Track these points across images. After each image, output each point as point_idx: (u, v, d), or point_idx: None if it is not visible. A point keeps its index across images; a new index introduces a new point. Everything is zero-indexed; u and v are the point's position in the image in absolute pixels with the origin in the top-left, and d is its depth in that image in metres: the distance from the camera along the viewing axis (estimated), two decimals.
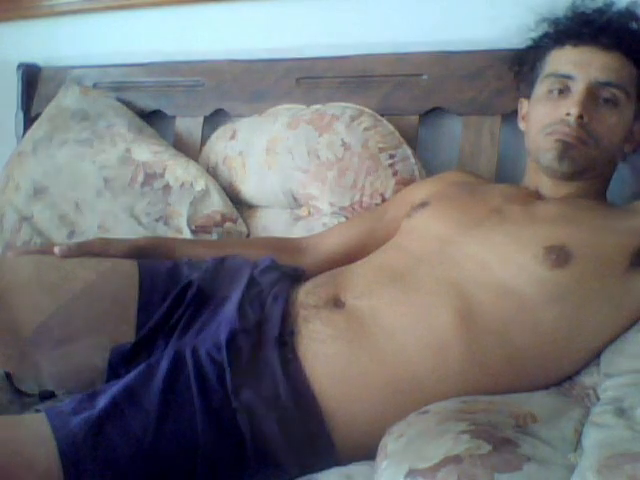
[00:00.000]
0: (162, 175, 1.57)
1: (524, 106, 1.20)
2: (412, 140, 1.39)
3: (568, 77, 1.07)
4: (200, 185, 1.54)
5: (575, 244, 0.95)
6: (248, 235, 1.51)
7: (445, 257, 1.00)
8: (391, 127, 1.38)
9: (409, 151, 1.36)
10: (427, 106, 1.42)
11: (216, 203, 1.52)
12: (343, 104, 1.43)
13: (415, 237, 1.08)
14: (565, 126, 1.04)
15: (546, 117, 1.08)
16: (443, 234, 1.04)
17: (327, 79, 1.52)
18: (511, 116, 1.31)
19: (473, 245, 1.00)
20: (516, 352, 0.92)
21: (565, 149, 1.04)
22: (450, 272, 0.97)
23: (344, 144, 1.36)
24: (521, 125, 1.21)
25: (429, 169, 1.37)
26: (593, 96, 1.05)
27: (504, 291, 0.93)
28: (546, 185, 1.11)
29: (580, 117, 1.03)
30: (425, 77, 1.41)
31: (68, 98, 1.78)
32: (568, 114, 1.04)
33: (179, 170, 1.56)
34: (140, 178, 1.59)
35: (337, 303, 0.97)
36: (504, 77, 1.29)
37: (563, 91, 1.07)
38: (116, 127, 1.67)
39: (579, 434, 0.77)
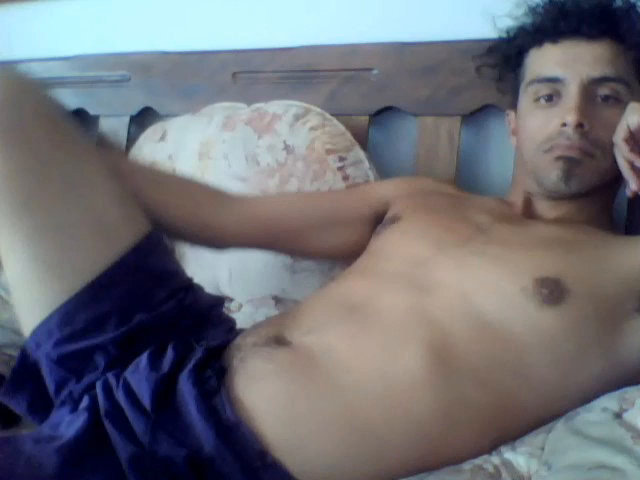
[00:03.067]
0: None
1: (512, 119, 1.11)
2: (361, 143, 1.31)
3: (555, 80, 0.98)
4: None
5: (572, 278, 0.85)
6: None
7: (416, 282, 0.88)
8: (342, 127, 1.30)
9: (362, 154, 1.28)
10: (378, 105, 1.35)
11: None
12: (287, 102, 1.35)
13: (382, 259, 0.97)
14: (564, 139, 0.95)
15: (540, 131, 0.98)
16: (416, 255, 0.93)
17: (267, 73, 1.44)
18: (472, 117, 1.27)
19: (450, 269, 0.89)
20: (498, 399, 0.81)
21: (570, 167, 0.95)
22: (421, 300, 0.86)
23: (286, 147, 1.28)
24: (512, 141, 1.12)
25: (380, 177, 1.28)
26: (589, 97, 0.95)
27: (486, 326, 0.83)
28: (541, 204, 1.02)
29: (579, 125, 0.93)
30: (375, 72, 1.34)
31: None
32: (564, 124, 0.94)
33: None
34: None
35: (280, 341, 0.86)
36: (464, 73, 1.23)
37: (553, 97, 0.98)
38: None
39: None
